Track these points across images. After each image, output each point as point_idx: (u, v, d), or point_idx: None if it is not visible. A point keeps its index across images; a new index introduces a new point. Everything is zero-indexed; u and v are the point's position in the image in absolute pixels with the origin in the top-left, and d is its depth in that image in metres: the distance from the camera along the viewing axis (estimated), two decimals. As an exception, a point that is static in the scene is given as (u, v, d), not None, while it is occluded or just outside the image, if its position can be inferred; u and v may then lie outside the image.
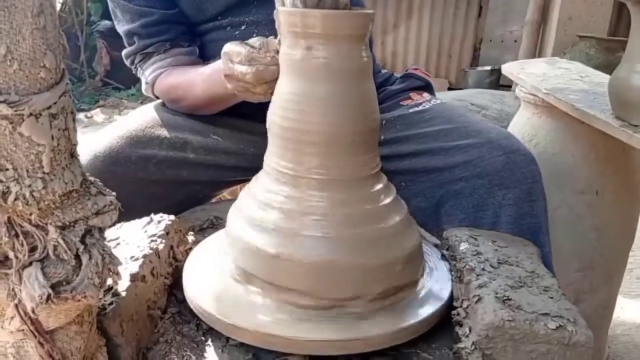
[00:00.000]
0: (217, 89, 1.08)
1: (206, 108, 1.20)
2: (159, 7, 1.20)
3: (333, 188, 0.79)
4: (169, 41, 1.21)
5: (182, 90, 1.18)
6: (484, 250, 0.93)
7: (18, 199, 0.53)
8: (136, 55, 1.24)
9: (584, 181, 1.30)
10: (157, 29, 1.20)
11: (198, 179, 1.19)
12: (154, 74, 1.22)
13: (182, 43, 1.23)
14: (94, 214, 0.61)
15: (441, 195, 1.08)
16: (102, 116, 4.42)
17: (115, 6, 1.23)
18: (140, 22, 1.19)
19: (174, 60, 1.22)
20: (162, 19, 1.20)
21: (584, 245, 1.33)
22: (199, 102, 1.17)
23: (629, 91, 1.03)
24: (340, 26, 0.76)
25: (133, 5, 1.19)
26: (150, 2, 1.20)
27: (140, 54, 1.23)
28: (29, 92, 0.52)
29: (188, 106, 1.21)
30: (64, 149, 0.57)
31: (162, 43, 1.21)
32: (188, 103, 1.20)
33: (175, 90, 1.20)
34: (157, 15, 1.19)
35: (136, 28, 1.20)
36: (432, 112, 1.18)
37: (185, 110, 1.23)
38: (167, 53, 1.22)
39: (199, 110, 1.21)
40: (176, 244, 0.96)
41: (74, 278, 0.58)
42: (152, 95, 1.27)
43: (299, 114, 0.79)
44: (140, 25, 1.20)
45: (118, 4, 1.21)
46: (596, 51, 3.97)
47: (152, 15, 1.19)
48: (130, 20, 1.21)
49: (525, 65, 1.52)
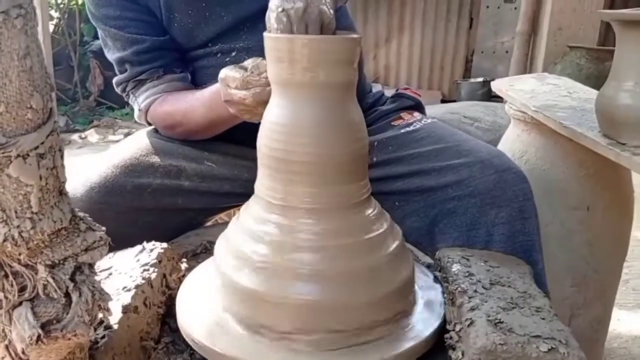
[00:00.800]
0: (219, 111, 1.07)
1: (203, 133, 1.19)
2: (150, 35, 1.20)
3: (323, 218, 0.79)
4: (161, 67, 1.21)
5: (180, 116, 1.17)
6: (475, 271, 0.93)
7: (7, 240, 0.53)
8: (128, 83, 1.24)
9: (575, 197, 1.30)
10: (149, 56, 1.20)
11: (193, 206, 1.19)
12: (148, 100, 1.22)
13: (174, 69, 1.23)
14: (83, 250, 0.61)
15: (435, 214, 1.09)
16: (96, 136, 4.42)
17: (105, 34, 1.23)
18: (132, 50, 1.19)
19: (167, 86, 1.22)
20: (153, 46, 1.20)
21: (577, 260, 1.34)
22: (198, 127, 1.17)
23: (616, 109, 1.04)
24: (327, 51, 0.76)
25: (124, 33, 1.20)
26: (141, 29, 1.20)
27: (132, 81, 1.23)
28: (16, 133, 0.53)
29: (184, 132, 1.20)
30: (53, 187, 0.57)
31: (155, 70, 1.21)
32: (184, 129, 1.19)
33: (171, 117, 1.19)
34: (148, 42, 1.20)
35: (128, 55, 1.20)
36: (424, 132, 1.19)
37: (180, 136, 1.22)
38: (160, 79, 1.21)
39: (195, 135, 1.21)
40: (169, 272, 0.96)
41: (64, 316, 0.58)
42: (145, 122, 1.27)
43: (286, 142, 0.79)
44: (132, 53, 1.20)
45: (108, 32, 1.21)
46: (586, 61, 4.01)
47: (143, 42, 1.19)
48: (122, 48, 1.21)
49: (515, 82, 1.53)
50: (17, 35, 0.50)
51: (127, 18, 1.19)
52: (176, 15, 1.20)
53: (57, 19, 5.32)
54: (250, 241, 0.81)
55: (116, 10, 1.19)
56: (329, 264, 0.77)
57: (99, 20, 1.22)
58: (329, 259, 0.77)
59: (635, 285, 2.24)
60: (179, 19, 1.20)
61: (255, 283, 0.77)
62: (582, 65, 3.99)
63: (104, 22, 1.21)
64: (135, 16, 1.20)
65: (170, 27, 1.22)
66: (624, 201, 1.35)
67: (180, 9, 1.19)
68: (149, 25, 1.21)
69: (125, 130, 4.58)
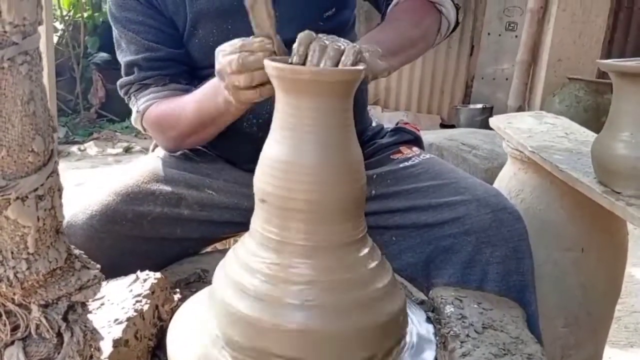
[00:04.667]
0: (208, 104, 1.06)
1: (194, 135, 1.17)
2: (166, 45, 1.21)
3: (318, 255, 0.79)
4: (168, 76, 1.22)
5: (175, 116, 1.16)
6: (469, 313, 0.93)
7: (2, 281, 0.54)
8: (133, 85, 1.24)
9: (570, 238, 1.31)
10: (160, 64, 1.21)
11: (191, 235, 1.19)
12: (147, 103, 1.21)
13: (181, 80, 1.23)
14: (77, 289, 0.61)
15: (431, 250, 1.09)
16: (95, 149, 4.42)
17: (121, 36, 1.23)
18: (145, 55, 1.20)
19: (170, 93, 1.21)
20: (167, 56, 1.21)
21: (570, 301, 1.34)
22: (188, 126, 1.15)
23: (612, 159, 1.05)
24: (330, 83, 0.76)
25: (141, 38, 1.20)
26: (159, 38, 1.20)
27: (137, 84, 1.23)
28: (16, 175, 0.53)
29: (176, 136, 1.19)
30: (50, 227, 0.58)
31: (161, 77, 1.21)
32: (176, 132, 1.18)
33: (166, 118, 1.18)
34: (163, 52, 1.20)
35: (139, 60, 1.21)
36: (422, 167, 1.20)
37: (173, 144, 1.22)
38: (165, 87, 1.22)
39: (187, 140, 1.20)
40: (161, 303, 0.95)
41: (55, 356, 0.58)
42: (140, 125, 1.25)
43: (285, 181, 0.79)
44: (144, 59, 1.20)
45: (125, 34, 1.21)
46: (585, 93, 4.05)
47: (158, 51, 1.20)
48: (135, 52, 1.21)
49: (512, 119, 1.55)
50: (22, 81, 0.50)
51: (148, 25, 1.20)
52: (200, 31, 1.20)
53: (62, 31, 5.35)
54: (246, 274, 0.81)
55: (139, 15, 1.19)
56: (320, 297, 0.77)
57: (119, 22, 1.22)
58: (321, 293, 0.77)
59: (627, 322, 2.23)
60: (201, 36, 1.21)
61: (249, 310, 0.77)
62: (581, 97, 4.03)
63: (123, 25, 1.21)
64: (156, 25, 1.20)
65: (190, 43, 1.22)
66: (619, 244, 1.35)
67: (205, 26, 1.19)
68: (168, 36, 1.22)
69: (125, 143, 4.58)
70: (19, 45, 0.49)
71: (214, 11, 1.18)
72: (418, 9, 1.13)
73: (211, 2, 1.17)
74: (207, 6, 1.17)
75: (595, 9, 4.34)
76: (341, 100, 0.78)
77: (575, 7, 4.33)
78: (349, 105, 0.80)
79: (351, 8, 1.29)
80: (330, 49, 0.81)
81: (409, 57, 1.11)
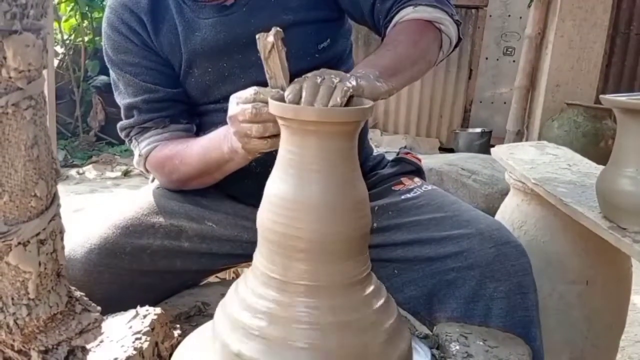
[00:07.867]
0: (214, 152, 1.07)
1: (198, 179, 1.18)
2: (164, 86, 1.21)
3: (322, 295, 0.78)
4: (168, 117, 1.22)
5: (178, 159, 1.16)
6: (474, 351, 0.92)
7: (1, 328, 0.52)
8: (133, 128, 1.24)
9: (574, 271, 1.30)
10: (159, 106, 1.21)
11: (191, 268, 1.18)
12: (149, 147, 1.21)
13: (181, 120, 1.24)
14: (77, 333, 0.60)
15: (433, 284, 1.08)
16: (94, 172, 4.41)
17: (118, 78, 1.23)
18: (143, 98, 1.20)
19: (170, 135, 1.22)
20: (166, 97, 1.21)
21: (575, 335, 1.32)
22: (192, 170, 1.15)
23: (616, 195, 1.04)
24: (337, 123, 0.75)
25: (138, 80, 1.20)
26: (157, 79, 1.20)
27: (137, 127, 1.23)
28: (18, 221, 0.52)
29: (180, 179, 1.19)
30: (51, 271, 0.57)
31: (162, 119, 1.21)
32: (180, 175, 1.18)
33: (170, 161, 1.19)
34: (161, 92, 1.20)
35: (138, 102, 1.20)
36: (424, 199, 1.19)
37: (176, 185, 1.22)
38: (165, 129, 1.22)
39: (190, 183, 1.20)
40: (161, 340, 0.94)
41: (54, 403, 0.56)
42: (144, 168, 1.26)
43: (289, 219, 0.78)
44: (142, 101, 1.20)
45: (123, 77, 1.21)
46: (584, 118, 4.06)
47: (156, 92, 1.20)
48: (133, 94, 1.21)
49: (514, 150, 1.55)
50: (26, 126, 0.50)
51: (145, 66, 1.20)
52: (195, 71, 1.21)
53: (63, 54, 5.38)
54: (248, 314, 0.80)
55: (135, 57, 1.20)
56: (325, 339, 0.75)
57: (115, 64, 1.22)
58: (325, 334, 0.76)
59: (631, 352, 2.20)
60: (197, 75, 1.21)
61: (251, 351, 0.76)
62: (580, 123, 4.04)
63: (119, 67, 1.21)
64: (152, 66, 1.21)
65: (187, 81, 1.22)
66: (623, 276, 1.34)
67: (201, 66, 1.20)
68: (165, 76, 1.22)
69: (124, 167, 4.57)
70: (24, 91, 0.49)
71: (208, 50, 1.18)
72: (416, 29, 1.12)
73: (206, 41, 1.18)
74: (201, 46, 1.18)
75: (592, 34, 4.37)
76: (347, 139, 0.78)
77: (572, 33, 4.36)
78: (354, 143, 0.79)
79: (346, 37, 1.30)
80: (322, 88, 0.80)
81: (410, 76, 1.11)
